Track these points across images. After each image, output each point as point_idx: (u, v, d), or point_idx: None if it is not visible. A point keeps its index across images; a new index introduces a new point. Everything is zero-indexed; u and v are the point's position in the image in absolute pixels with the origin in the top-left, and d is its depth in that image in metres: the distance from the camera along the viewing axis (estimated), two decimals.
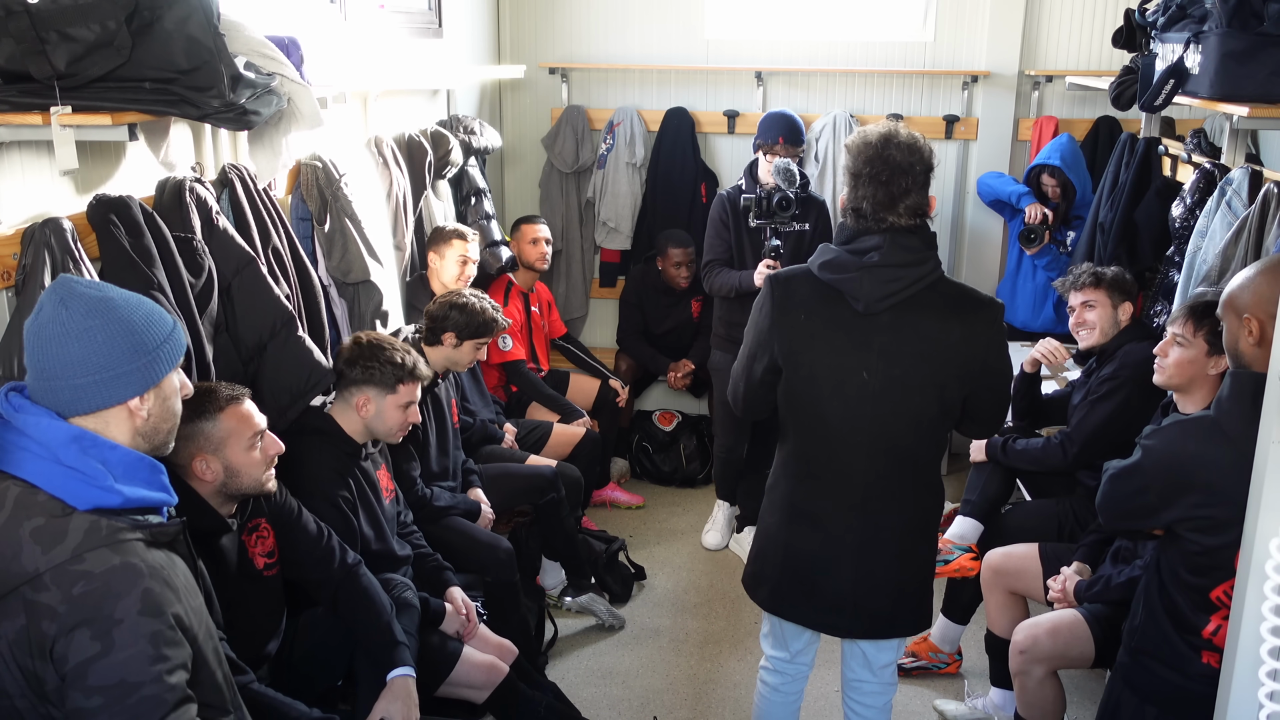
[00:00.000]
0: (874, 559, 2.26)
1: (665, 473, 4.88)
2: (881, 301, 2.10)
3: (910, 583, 2.32)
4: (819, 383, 2.18)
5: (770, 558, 2.36)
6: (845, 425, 2.19)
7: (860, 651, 2.44)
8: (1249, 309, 1.95)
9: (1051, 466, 3.18)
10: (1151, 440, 2.06)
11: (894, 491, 2.24)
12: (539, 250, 4.38)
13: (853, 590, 2.27)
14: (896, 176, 2.08)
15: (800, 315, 2.17)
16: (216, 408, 2.16)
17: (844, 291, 2.12)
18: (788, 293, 2.20)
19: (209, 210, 2.43)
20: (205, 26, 2.03)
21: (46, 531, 1.49)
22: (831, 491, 2.25)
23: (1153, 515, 2.05)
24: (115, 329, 1.57)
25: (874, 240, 2.11)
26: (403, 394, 2.71)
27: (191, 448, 2.13)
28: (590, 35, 5.06)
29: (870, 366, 2.13)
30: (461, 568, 3.04)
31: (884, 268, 2.09)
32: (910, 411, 2.17)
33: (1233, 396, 1.93)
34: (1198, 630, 2.03)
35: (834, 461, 2.23)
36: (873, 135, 2.13)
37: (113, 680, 1.45)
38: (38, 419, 1.55)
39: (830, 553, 2.27)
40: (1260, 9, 2.53)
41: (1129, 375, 2.98)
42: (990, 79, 4.75)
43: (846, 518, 2.25)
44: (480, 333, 3.25)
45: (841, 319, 2.14)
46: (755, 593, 2.42)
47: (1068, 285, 3.22)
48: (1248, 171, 2.83)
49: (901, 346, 2.12)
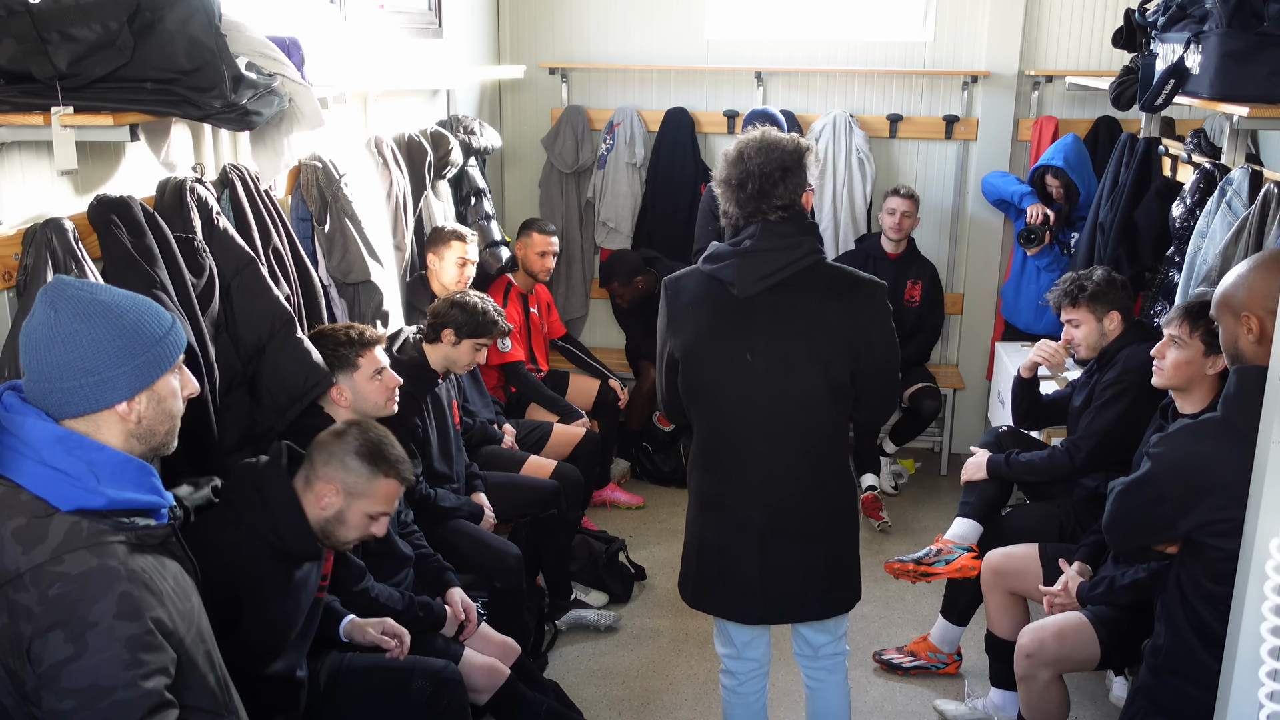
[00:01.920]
0: (778, 544, 2.32)
1: (665, 473, 4.88)
2: (756, 284, 2.21)
3: (818, 567, 2.35)
4: (709, 369, 2.28)
5: (691, 553, 2.43)
6: (737, 409, 2.28)
7: (800, 634, 2.51)
8: (1247, 306, 1.94)
9: (1059, 475, 3.15)
10: (1160, 448, 2.02)
11: (793, 475, 2.31)
12: (545, 263, 4.37)
13: (760, 576, 2.33)
14: (761, 179, 2.21)
15: (689, 308, 2.29)
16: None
17: (723, 279, 2.24)
18: (677, 290, 2.34)
19: (210, 210, 2.43)
20: (207, 27, 2.03)
21: (27, 531, 1.48)
22: (732, 478, 2.33)
23: (1171, 527, 2.01)
24: (102, 334, 1.55)
25: (749, 230, 2.25)
26: (365, 365, 2.71)
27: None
28: (590, 35, 5.06)
29: (753, 348, 2.23)
30: (469, 572, 3.04)
31: (757, 253, 2.22)
32: (797, 390, 2.25)
33: (1240, 393, 1.90)
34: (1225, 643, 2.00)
35: (732, 448, 2.32)
36: (733, 149, 2.27)
37: (84, 684, 1.44)
38: (26, 419, 1.54)
39: (736, 539, 2.34)
40: (1260, 9, 2.53)
41: (1133, 380, 2.94)
42: (990, 79, 4.75)
43: (748, 503, 2.32)
44: (479, 333, 3.25)
45: (723, 305, 2.25)
46: (684, 592, 2.49)
47: (1051, 301, 3.22)
48: (1248, 171, 2.83)
49: (780, 326, 2.23)
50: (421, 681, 2.45)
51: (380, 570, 2.68)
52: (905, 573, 3.18)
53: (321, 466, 2.20)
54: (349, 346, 2.69)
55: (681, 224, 4.94)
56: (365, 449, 2.21)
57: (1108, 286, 3.08)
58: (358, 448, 2.21)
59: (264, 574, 2.15)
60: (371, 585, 2.59)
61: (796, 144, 2.26)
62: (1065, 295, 3.13)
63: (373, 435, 2.25)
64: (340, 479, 2.19)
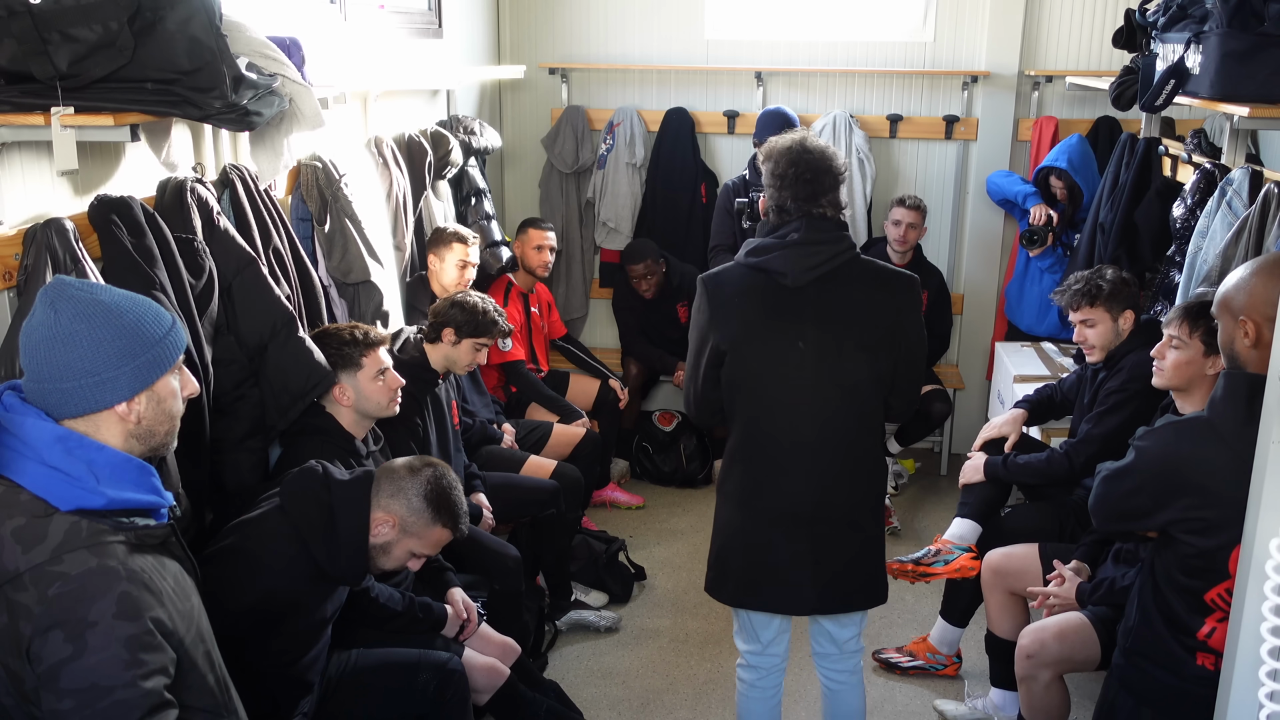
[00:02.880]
0: (829, 532, 2.36)
1: (665, 473, 4.88)
2: (806, 273, 2.27)
3: (863, 556, 2.42)
4: (759, 358, 2.31)
5: (731, 551, 2.43)
6: (788, 397, 2.31)
7: (824, 629, 2.53)
8: (1245, 311, 1.95)
9: (1058, 479, 3.12)
10: (1145, 441, 2.05)
11: (842, 463, 2.36)
12: (542, 257, 4.37)
13: (812, 566, 2.36)
14: (819, 175, 2.32)
15: (735, 301, 2.32)
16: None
17: (770, 270, 2.29)
18: (719, 284, 2.36)
19: (210, 211, 2.43)
20: (207, 27, 2.03)
21: (27, 531, 1.48)
22: (782, 468, 2.34)
23: (1146, 517, 2.04)
24: (102, 334, 1.56)
25: (793, 225, 2.32)
26: (369, 365, 2.71)
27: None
28: (590, 35, 5.06)
29: (804, 336, 2.29)
30: (467, 573, 3.04)
31: (806, 244, 2.28)
32: (845, 378, 2.31)
33: (1226, 397, 1.93)
34: (1192, 632, 2.02)
35: (782, 438, 2.34)
36: (788, 141, 2.36)
37: (84, 684, 1.44)
38: (25, 419, 1.55)
39: (786, 531, 2.35)
40: (1260, 9, 2.53)
41: (1138, 388, 2.90)
42: (990, 79, 4.75)
43: (799, 493, 2.34)
44: (479, 332, 3.25)
45: (773, 295, 2.30)
46: (720, 592, 2.49)
47: (1064, 302, 3.13)
48: (1248, 172, 2.83)
49: (831, 313, 2.30)
50: (427, 675, 2.47)
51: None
52: (904, 573, 3.17)
53: (387, 498, 2.21)
54: (353, 346, 2.70)
55: (681, 224, 4.94)
56: (434, 494, 2.23)
57: (1122, 285, 3.05)
58: (427, 491, 2.22)
59: (302, 592, 2.17)
60: (371, 585, 2.59)
61: (841, 154, 2.41)
62: (1082, 295, 3.05)
63: (444, 482, 2.26)
64: (400, 515, 2.21)
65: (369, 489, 2.23)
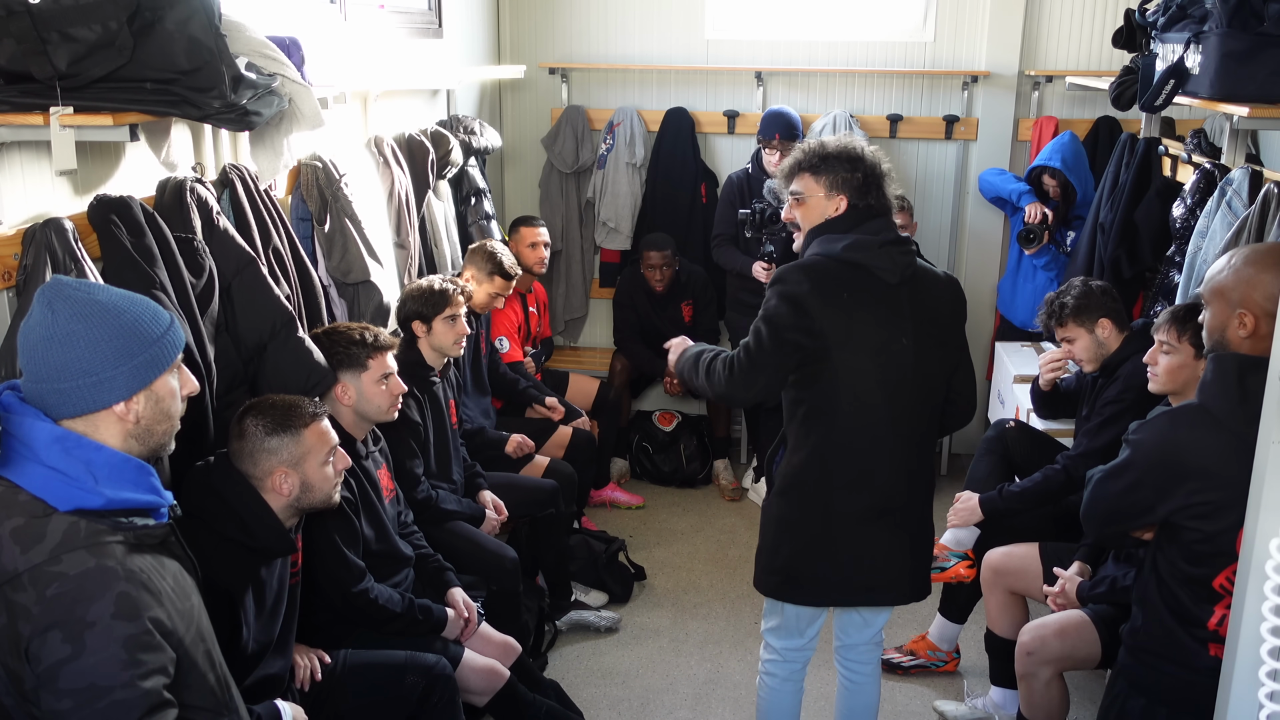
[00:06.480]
0: (918, 526, 2.46)
1: (665, 473, 4.88)
2: (904, 271, 2.33)
3: (927, 546, 2.54)
4: (868, 353, 2.31)
5: (812, 552, 2.40)
6: (886, 393, 2.33)
7: (860, 618, 2.58)
8: (1244, 303, 1.95)
9: (1056, 494, 3.07)
10: (1140, 434, 2.06)
11: (917, 459, 2.43)
12: (537, 254, 4.37)
13: (910, 559, 2.45)
14: (883, 177, 2.43)
15: (842, 294, 2.29)
16: (301, 424, 2.21)
17: (872, 266, 2.30)
18: (822, 278, 2.29)
19: (210, 210, 2.43)
20: (207, 27, 2.03)
21: (26, 532, 1.48)
22: (879, 463, 2.36)
23: (1149, 511, 2.04)
24: (99, 334, 1.55)
25: (878, 223, 2.35)
26: (374, 368, 2.70)
27: (274, 461, 2.18)
28: (590, 35, 5.06)
29: (906, 331, 2.33)
30: (466, 573, 3.04)
31: (900, 242, 2.35)
32: (928, 377, 2.38)
33: (1216, 379, 1.94)
34: (1202, 623, 2.02)
35: (880, 431, 2.35)
36: (859, 141, 2.46)
37: (83, 684, 1.44)
38: (24, 419, 1.55)
39: (887, 526, 2.40)
40: (1260, 9, 2.53)
41: (1134, 398, 2.87)
42: (990, 79, 4.75)
43: (895, 488, 2.39)
44: (438, 308, 3.24)
45: (878, 292, 2.31)
46: (794, 593, 2.47)
47: (1041, 327, 3.22)
48: (1248, 172, 2.84)
49: (921, 312, 2.35)
50: (414, 677, 2.46)
51: (380, 570, 2.68)
52: None
53: (254, 467, 2.18)
54: (361, 347, 2.69)
55: (682, 224, 4.93)
56: (272, 424, 2.19)
57: (1085, 297, 3.02)
58: (265, 427, 2.19)
59: (240, 575, 2.14)
60: (371, 586, 2.59)
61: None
62: (1051, 318, 3.09)
63: (265, 407, 2.22)
64: (277, 461, 2.18)
65: (226, 459, 2.21)
